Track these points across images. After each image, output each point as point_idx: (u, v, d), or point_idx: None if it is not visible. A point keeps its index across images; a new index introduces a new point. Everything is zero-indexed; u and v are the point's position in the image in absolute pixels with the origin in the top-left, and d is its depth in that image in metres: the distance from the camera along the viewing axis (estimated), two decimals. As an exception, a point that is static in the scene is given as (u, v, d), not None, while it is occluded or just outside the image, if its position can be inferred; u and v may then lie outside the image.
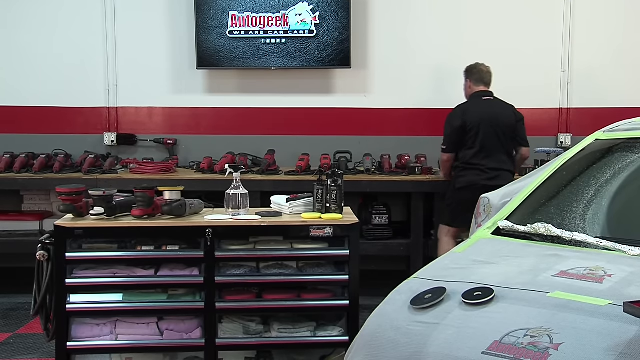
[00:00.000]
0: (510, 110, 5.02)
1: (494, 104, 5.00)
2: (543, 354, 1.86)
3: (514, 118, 4.99)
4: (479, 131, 4.85)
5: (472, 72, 5.09)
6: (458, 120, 4.89)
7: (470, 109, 4.94)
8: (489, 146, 4.87)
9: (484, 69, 5.08)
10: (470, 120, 4.87)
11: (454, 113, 4.99)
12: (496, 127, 4.89)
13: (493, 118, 4.90)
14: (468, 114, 4.90)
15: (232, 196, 3.57)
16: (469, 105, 5.01)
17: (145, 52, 5.93)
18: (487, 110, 4.93)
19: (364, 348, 2.26)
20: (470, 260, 2.57)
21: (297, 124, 5.93)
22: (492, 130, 4.87)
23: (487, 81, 5.07)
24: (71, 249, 3.47)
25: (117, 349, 3.55)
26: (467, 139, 4.88)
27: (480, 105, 4.96)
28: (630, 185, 2.87)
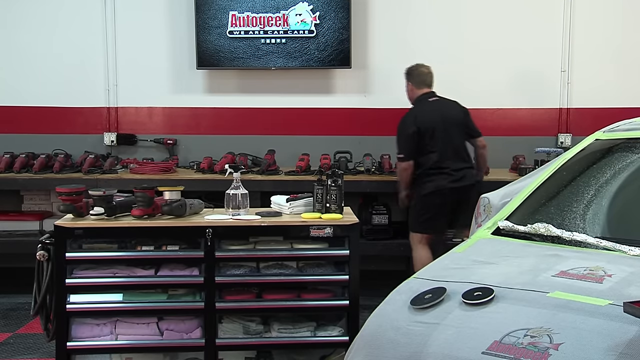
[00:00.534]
0: (457, 106, 4.97)
1: (442, 104, 4.93)
2: (543, 354, 1.86)
3: (462, 113, 4.95)
4: (435, 134, 4.76)
5: (412, 74, 4.97)
6: (412, 127, 4.74)
7: (421, 113, 4.83)
8: (449, 147, 4.80)
9: (425, 71, 4.97)
10: (424, 125, 4.75)
11: (406, 120, 4.83)
12: (449, 126, 4.83)
13: (445, 118, 4.84)
14: (420, 118, 4.78)
15: (232, 196, 3.57)
16: (418, 109, 4.88)
17: (145, 52, 5.93)
18: (438, 112, 4.85)
19: (364, 348, 2.26)
20: (470, 260, 2.57)
21: (297, 124, 5.93)
22: (446, 131, 4.81)
23: (429, 82, 4.96)
24: (71, 249, 3.47)
25: (117, 349, 3.55)
26: (425, 143, 4.75)
27: (430, 108, 4.87)
28: (630, 185, 2.87)
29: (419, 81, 4.94)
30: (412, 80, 4.97)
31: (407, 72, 5.01)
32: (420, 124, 4.75)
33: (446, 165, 4.76)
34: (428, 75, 4.96)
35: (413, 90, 4.96)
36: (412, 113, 4.88)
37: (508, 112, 5.90)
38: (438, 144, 4.76)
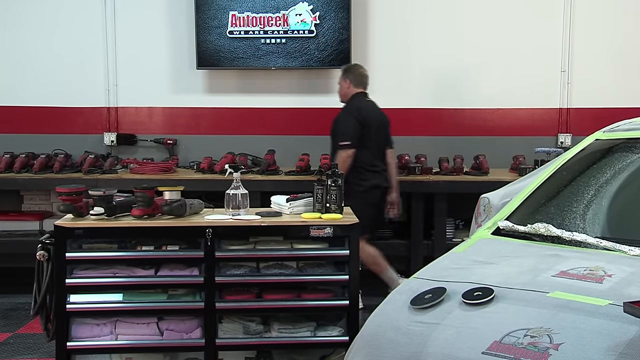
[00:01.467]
0: (384, 113, 5.04)
1: (375, 106, 5.00)
2: (543, 354, 1.86)
3: (388, 120, 5.04)
4: (372, 131, 4.81)
5: (352, 73, 5.00)
6: (358, 117, 4.78)
7: (363, 109, 4.87)
8: (380, 147, 4.87)
9: (364, 73, 5.02)
10: (367, 119, 4.81)
11: (352, 110, 4.84)
12: (381, 128, 4.91)
13: (379, 119, 4.91)
14: (364, 113, 4.83)
15: (232, 196, 3.57)
16: (360, 104, 4.90)
17: (145, 52, 5.93)
18: (374, 112, 4.92)
19: (364, 348, 2.26)
20: (470, 260, 2.57)
21: (297, 124, 5.93)
22: (379, 131, 4.88)
23: (366, 84, 5.02)
24: (71, 249, 3.47)
25: (117, 349, 3.55)
26: (364, 138, 4.79)
27: (369, 106, 4.93)
28: (630, 185, 2.87)
29: (358, 81, 4.98)
30: (352, 79, 4.98)
31: (347, 70, 5.03)
32: (364, 118, 4.80)
33: (378, 164, 4.84)
34: (366, 78, 5.03)
35: (350, 87, 4.98)
36: (353, 105, 4.90)
37: (508, 112, 5.91)
38: (373, 142, 4.81)
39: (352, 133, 4.75)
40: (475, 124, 5.91)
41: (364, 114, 4.83)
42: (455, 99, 5.90)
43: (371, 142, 4.81)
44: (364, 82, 5.01)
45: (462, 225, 5.45)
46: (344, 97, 5.02)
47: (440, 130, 5.91)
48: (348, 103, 4.97)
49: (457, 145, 5.74)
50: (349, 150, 4.73)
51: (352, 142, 4.74)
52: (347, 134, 4.75)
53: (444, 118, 5.92)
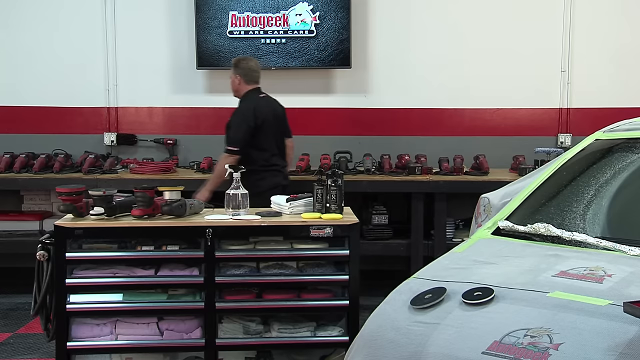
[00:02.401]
0: (279, 104, 4.97)
1: (269, 100, 4.90)
2: (543, 354, 1.86)
3: (284, 111, 4.98)
4: (267, 130, 4.74)
5: (241, 68, 4.85)
6: (252, 121, 4.68)
7: (257, 108, 4.76)
8: (277, 144, 4.82)
9: (254, 67, 4.88)
10: (262, 120, 4.72)
11: (245, 112, 4.74)
12: (277, 124, 4.85)
13: (275, 115, 4.85)
14: (256, 113, 4.72)
15: (232, 196, 3.57)
16: (254, 103, 4.80)
17: (145, 52, 5.93)
18: (269, 108, 4.83)
19: (364, 348, 2.26)
20: (470, 260, 2.57)
21: (297, 124, 5.91)
22: (275, 128, 4.81)
23: (258, 79, 4.90)
24: (71, 249, 3.47)
25: (117, 349, 3.55)
26: (259, 139, 4.70)
27: (262, 103, 4.83)
28: (630, 185, 2.87)
29: (249, 77, 4.85)
30: (242, 74, 4.85)
31: (236, 65, 4.88)
32: (257, 118, 4.70)
33: (276, 162, 4.78)
34: (257, 72, 4.90)
35: (242, 83, 4.85)
36: (248, 107, 4.78)
37: (508, 112, 5.90)
38: (269, 141, 4.75)
39: (243, 139, 4.64)
40: (475, 124, 5.91)
41: (256, 114, 4.70)
42: (455, 99, 5.89)
43: (267, 141, 4.73)
44: (255, 77, 4.87)
45: (462, 225, 5.45)
46: (236, 92, 4.90)
47: (440, 130, 5.91)
48: (241, 102, 4.87)
49: (457, 145, 5.74)
50: (234, 155, 4.60)
51: (240, 148, 4.62)
52: (238, 140, 4.64)
53: (444, 118, 5.92)
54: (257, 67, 4.90)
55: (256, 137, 4.68)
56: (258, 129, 4.68)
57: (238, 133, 4.66)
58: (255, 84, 4.87)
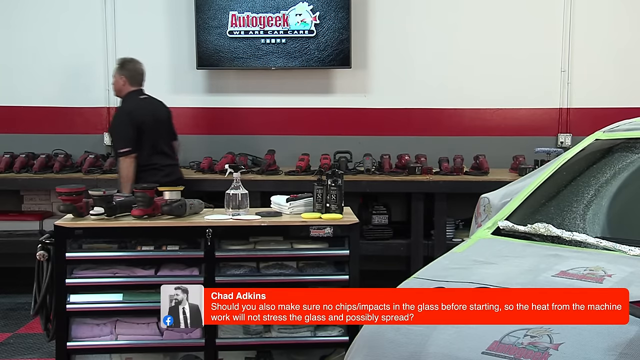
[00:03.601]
0: (164, 106, 5.04)
1: (152, 102, 4.96)
2: (543, 354, 1.86)
3: (168, 113, 5.04)
4: (148, 130, 4.78)
5: (128, 70, 4.90)
6: (132, 121, 4.74)
7: (136, 109, 4.82)
8: (159, 144, 4.85)
9: (140, 69, 4.94)
10: (140, 120, 4.76)
11: (122, 115, 4.82)
12: (159, 125, 4.89)
13: (156, 115, 4.89)
14: (136, 113, 4.78)
15: (232, 196, 3.57)
16: (132, 105, 4.86)
17: (145, 52, 5.89)
18: (150, 109, 4.88)
19: (364, 348, 2.26)
20: (470, 260, 2.57)
21: (297, 124, 5.93)
22: (158, 128, 4.86)
23: (142, 81, 4.96)
24: (71, 249, 3.47)
25: (117, 349, 3.55)
26: (138, 139, 4.74)
27: (142, 104, 4.88)
28: (630, 185, 2.87)
29: (134, 79, 4.90)
30: (127, 75, 4.89)
31: (122, 66, 4.92)
32: (136, 119, 4.75)
33: (155, 161, 4.80)
34: (143, 75, 4.96)
35: (126, 84, 4.89)
36: (126, 108, 4.85)
37: (508, 112, 5.90)
38: (149, 141, 4.78)
39: (130, 138, 4.70)
40: (475, 124, 5.91)
41: (135, 115, 4.76)
42: (455, 99, 5.89)
43: (146, 141, 4.77)
44: (139, 80, 4.93)
45: (462, 225, 5.45)
46: (119, 92, 4.95)
47: (440, 130, 5.90)
48: (122, 103, 4.94)
49: (457, 145, 5.74)
50: (130, 155, 4.67)
51: (132, 147, 4.69)
52: (125, 141, 4.70)
53: (443, 118, 5.92)
54: (142, 70, 4.97)
55: (136, 138, 4.75)
56: (138, 128, 4.75)
57: (122, 134, 4.75)
58: (139, 85, 4.94)
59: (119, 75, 4.90)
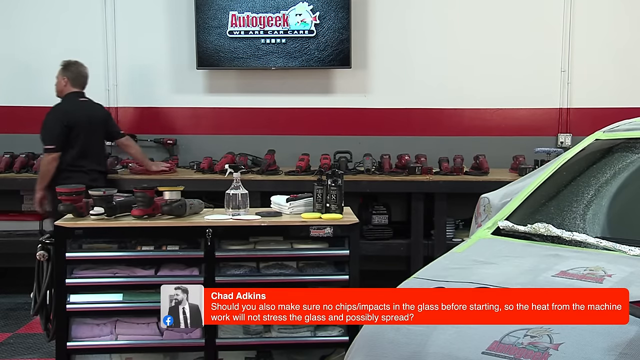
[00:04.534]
0: (102, 108, 5.14)
1: (90, 105, 5.04)
2: (543, 354, 1.86)
3: (105, 116, 5.13)
4: (81, 132, 4.84)
5: (72, 72, 4.99)
6: (64, 120, 4.82)
7: (71, 109, 4.90)
8: (90, 148, 4.90)
9: (84, 72, 5.03)
10: (74, 121, 4.83)
11: (56, 113, 4.89)
12: (95, 128, 4.96)
13: (92, 119, 4.95)
14: (70, 114, 4.86)
15: (232, 196, 3.57)
16: (68, 105, 4.94)
17: (145, 52, 5.93)
18: (86, 112, 4.95)
19: (364, 348, 2.26)
20: (470, 260, 2.57)
21: (297, 124, 5.93)
22: (91, 132, 4.92)
23: (84, 83, 5.04)
24: (71, 249, 3.47)
25: (117, 349, 3.56)
26: (68, 140, 4.82)
27: (80, 106, 4.95)
28: (630, 185, 2.87)
29: (77, 81, 5.00)
30: (70, 77, 4.99)
31: (66, 67, 5.01)
32: (70, 119, 4.83)
33: (84, 164, 4.86)
34: (86, 78, 5.05)
35: (67, 85, 4.98)
36: (61, 107, 4.94)
37: (508, 112, 5.90)
38: (80, 143, 4.84)
39: (56, 136, 4.79)
40: (475, 124, 5.91)
41: (69, 116, 4.84)
42: (455, 98, 5.89)
43: (77, 142, 4.84)
44: (81, 82, 5.02)
45: (462, 225, 5.45)
46: (59, 93, 5.03)
47: (440, 130, 5.91)
48: (59, 103, 5.00)
49: (457, 145, 5.74)
50: (53, 153, 4.77)
51: (57, 145, 4.78)
52: (52, 138, 4.79)
53: (443, 118, 5.92)
54: (86, 73, 5.06)
55: (66, 138, 4.82)
56: (70, 129, 4.81)
57: (50, 131, 4.83)
58: (81, 88, 5.02)
59: (62, 77, 5.00)
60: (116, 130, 5.20)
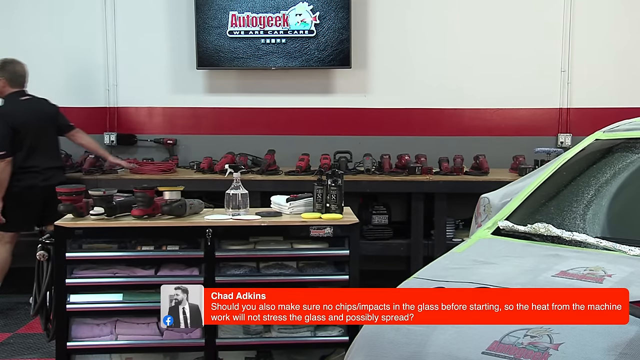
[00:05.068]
0: (48, 103, 5.05)
1: (34, 102, 4.96)
2: (543, 354, 1.86)
3: (53, 111, 5.05)
4: (28, 132, 4.79)
5: (7, 71, 4.91)
6: (10, 123, 4.74)
7: (14, 111, 4.84)
8: (40, 146, 4.85)
9: (21, 70, 4.95)
10: (17, 122, 4.77)
11: (5, 116, 4.81)
12: (42, 125, 4.90)
13: (38, 117, 4.89)
14: (14, 115, 4.80)
15: (232, 196, 3.57)
16: (11, 107, 4.89)
17: (145, 52, 5.93)
18: (31, 110, 4.88)
19: (364, 348, 2.26)
20: (470, 260, 2.57)
21: (297, 124, 5.93)
22: (40, 130, 4.87)
23: (23, 82, 4.97)
24: (71, 249, 3.47)
25: (117, 349, 3.56)
26: (16, 142, 4.76)
27: (23, 106, 4.88)
28: (630, 185, 2.87)
29: (15, 81, 4.92)
30: (7, 77, 4.91)
31: (1, 67, 4.92)
32: (15, 121, 4.76)
33: (35, 164, 4.82)
34: (24, 76, 4.97)
35: (6, 86, 4.91)
36: (5, 111, 4.88)
37: (508, 112, 5.91)
38: (28, 143, 4.80)
39: (6, 142, 4.72)
40: (475, 124, 5.91)
41: (14, 118, 4.78)
42: (455, 99, 5.89)
43: (26, 144, 4.80)
44: (20, 81, 4.94)
45: (462, 225, 5.45)
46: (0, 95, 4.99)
47: (440, 130, 5.91)
48: (2, 106, 4.97)
49: (457, 145, 5.74)
50: (6, 159, 4.70)
51: (7, 151, 4.71)
52: (2, 144, 4.72)
53: (443, 118, 5.92)
54: (23, 71, 4.97)
55: (13, 140, 4.75)
56: (16, 131, 4.75)
57: (1, 137, 4.72)
58: (20, 87, 4.95)
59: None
60: (65, 123, 5.11)
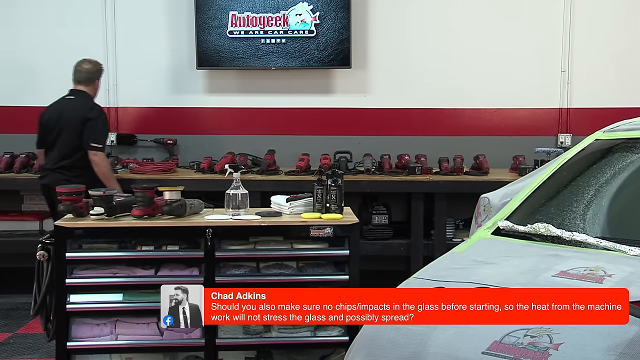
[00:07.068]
0: (82, 108, 4.91)
1: (68, 102, 4.97)
2: (543, 354, 1.86)
3: (80, 117, 4.90)
4: (54, 130, 4.89)
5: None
6: None
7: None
8: (55, 146, 4.87)
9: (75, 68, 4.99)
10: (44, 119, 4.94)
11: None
12: (63, 127, 4.88)
13: (62, 119, 4.90)
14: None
15: (232, 196, 3.57)
16: None
17: (145, 52, 5.92)
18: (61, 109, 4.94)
19: (364, 348, 2.26)
20: (470, 260, 2.57)
21: (297, 124, 5.93)
22: (59, 130, 4.89)
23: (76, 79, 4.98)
24: (71, 249, 3.47)
25: (117, 349, 3.55)
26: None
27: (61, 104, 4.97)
28: (630, 185, 2.87)
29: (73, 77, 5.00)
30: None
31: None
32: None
33: (45, 163, 4.92)
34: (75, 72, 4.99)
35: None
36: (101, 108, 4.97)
37: (508, 112, 5.90)
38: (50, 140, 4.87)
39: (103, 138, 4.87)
40: (475, 124, 5.91)
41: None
42: (455, 99, 5.89)
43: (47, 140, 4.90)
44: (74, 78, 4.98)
45: (462, 225, 5.45)
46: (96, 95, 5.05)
47: (440, 130, 5.91)
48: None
49: (457, 145, 5.74)
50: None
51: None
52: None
53: (443, 118, 5.92)
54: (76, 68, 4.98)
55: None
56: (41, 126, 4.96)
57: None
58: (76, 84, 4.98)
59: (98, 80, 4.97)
60: (85, 139, 4.81)
